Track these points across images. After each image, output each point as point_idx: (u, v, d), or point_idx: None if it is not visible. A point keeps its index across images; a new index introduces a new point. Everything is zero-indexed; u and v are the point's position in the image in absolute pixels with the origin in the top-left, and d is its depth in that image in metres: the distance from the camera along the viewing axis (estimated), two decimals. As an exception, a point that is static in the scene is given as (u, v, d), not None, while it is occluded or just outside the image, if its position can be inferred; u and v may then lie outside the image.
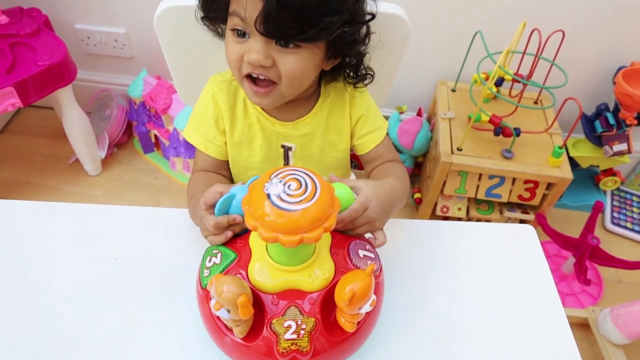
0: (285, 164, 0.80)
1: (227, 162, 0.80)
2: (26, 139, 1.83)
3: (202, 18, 0.70)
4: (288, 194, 0.45)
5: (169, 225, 0.73)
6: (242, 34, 0.63)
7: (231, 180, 0.82)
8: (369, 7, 0.68)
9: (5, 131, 1.85)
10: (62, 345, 0.59)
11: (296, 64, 0.63)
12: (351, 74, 0.74)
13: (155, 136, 1.74)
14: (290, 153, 0.79)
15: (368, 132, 0.79)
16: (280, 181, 0.46)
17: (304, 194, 0.45)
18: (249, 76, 0.66)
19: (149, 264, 0.68)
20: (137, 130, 1.76)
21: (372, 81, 0.76)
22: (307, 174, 0.47)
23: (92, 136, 1.64)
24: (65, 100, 1.49)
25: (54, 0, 1.60)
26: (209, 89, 0.77)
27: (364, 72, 0.74)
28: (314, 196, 0.45)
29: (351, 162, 0.88)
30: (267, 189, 0.46)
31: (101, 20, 1.65)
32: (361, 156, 0.82)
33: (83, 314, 0.62)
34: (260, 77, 0.65)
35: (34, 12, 1.51)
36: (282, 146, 0.78)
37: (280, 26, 0.59)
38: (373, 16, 0.68)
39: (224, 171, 0.81)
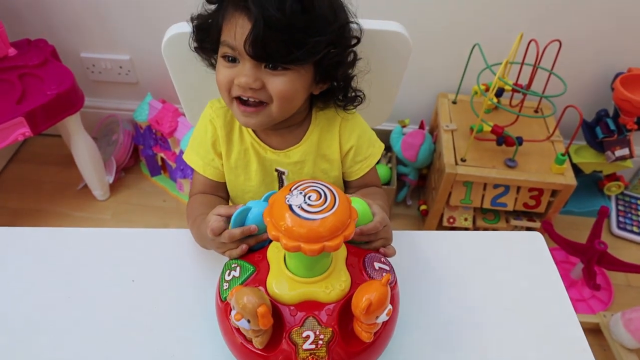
0: (280, 186, 0.81)
1: (224, 183, 0.82)
2: (34, 167, 1.85)
3: (196, 49, 0.73)
4: (309, 205, 0.47)
5: (182, 246, 0.75)
6: (232, 60, 0.66)
7: (227, 202, 0.84)
8: (357, 30, 0.71)
9: (13, 160, 1.87)
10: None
11: (285, 84, 0.65)
12: (340, 96, 0.76)
13: (162, 159, 1.76)
14: (283, 177, 0.80)
15: (357, 162, 0.80)
16: (301, 193, 0.49)
17: (323, 204, 0.48)
18: (238, 98, 0.68)
19: (166, 285, 0.69)
20: (143, 154, 1.78)
21: (361, 103, 0.77)
22: (325, 186, 0.50)
23: (100, 162, 1.66)
24: (73, 127, 1.52)
25: (60, 30, 1.65)
26: (207, 114, 0.79)
27: (353, 94, 0.76)
28: (333, 206, 0.48)
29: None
30: (288, 201, 0.48)
31: (106, 48, 1.69)
32: (346, 182, 0.84)
33: (106, 336, 0.63)
34: (250, 99, 0.67)
35: (41, 43, 1.55)
36: (276, 170, 0.80)
37: (268, 49, 0.61)
38: (358, 40, 0.71)
39: (222, 192, 0.82)
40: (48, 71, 1.44)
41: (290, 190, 0.49)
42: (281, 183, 0.81)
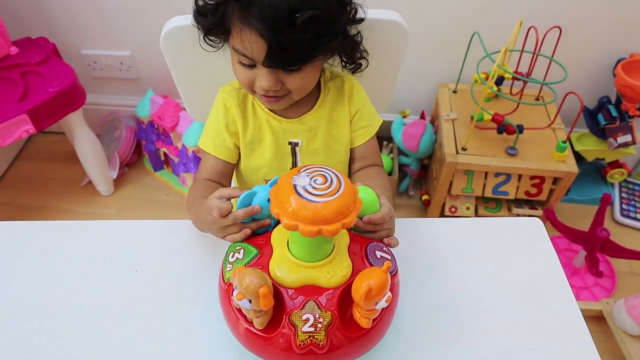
0: (293, 160, 0.84)
1: (232, 167, 0.84)
2: (39, 164, 1.87)
3: (203, 37, 0.75)
4: (313, 187, 0.48)
5: (184, 236, 0.75)
6: (249, 65, 0.70)
7: None
8: (361, 13, 0.74)
9: (18, 158, 1.89)
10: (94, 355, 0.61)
11: (302, 80, 0.71)
12: (347, 62, 0.79)
13: (165, 154, 1.77)
14: (297, 149, 0.83)
15: (360, 127, 0.84)
16: (308, 175, 0.50)
17: (328, 188, 0.48)
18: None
19: (168, 274, 0.70)
20: (146, 149, 1.79)
21: (367, 65, 0.80)
22: (333, 173, 0.51)
23: (103, 158, 1.67)
24: (76, 124, 1.53)
25: (60, 28, 1.65)
26: (220, 98, 0.82)
27: (358, 56, 0.79)
28: (337, 191, 0.48)
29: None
30: (294, 181, 0.49)
31: (106, 45, 1.70)
32: (351, 151, 0.86)
33: (110, 325, 0.64)
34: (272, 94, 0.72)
35: (42, 41, 1.55)
36: (289, 143, 0.82)
37: (284, 59, 0.66)
38: (362, 19, 0.74)
39: (226, 180, 0.84)
40: (49, 69, 1.45)
41: (299, 171, 0.51)
42: (294, 156, 0.84)
